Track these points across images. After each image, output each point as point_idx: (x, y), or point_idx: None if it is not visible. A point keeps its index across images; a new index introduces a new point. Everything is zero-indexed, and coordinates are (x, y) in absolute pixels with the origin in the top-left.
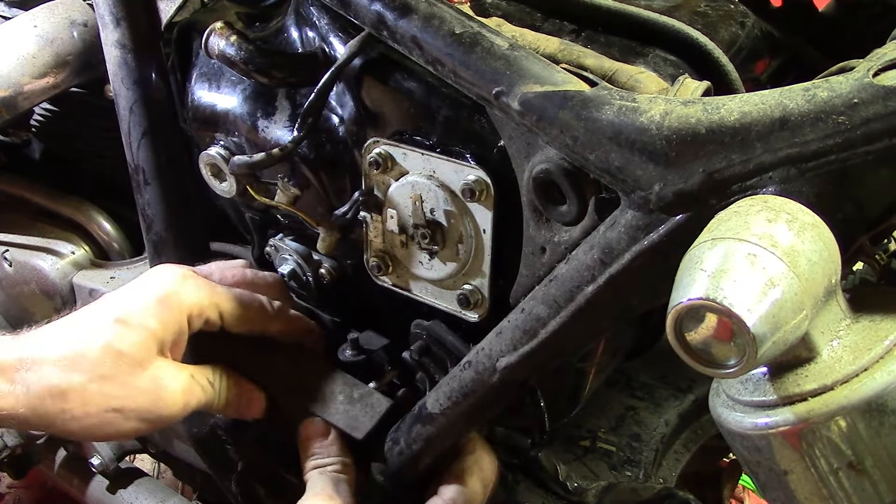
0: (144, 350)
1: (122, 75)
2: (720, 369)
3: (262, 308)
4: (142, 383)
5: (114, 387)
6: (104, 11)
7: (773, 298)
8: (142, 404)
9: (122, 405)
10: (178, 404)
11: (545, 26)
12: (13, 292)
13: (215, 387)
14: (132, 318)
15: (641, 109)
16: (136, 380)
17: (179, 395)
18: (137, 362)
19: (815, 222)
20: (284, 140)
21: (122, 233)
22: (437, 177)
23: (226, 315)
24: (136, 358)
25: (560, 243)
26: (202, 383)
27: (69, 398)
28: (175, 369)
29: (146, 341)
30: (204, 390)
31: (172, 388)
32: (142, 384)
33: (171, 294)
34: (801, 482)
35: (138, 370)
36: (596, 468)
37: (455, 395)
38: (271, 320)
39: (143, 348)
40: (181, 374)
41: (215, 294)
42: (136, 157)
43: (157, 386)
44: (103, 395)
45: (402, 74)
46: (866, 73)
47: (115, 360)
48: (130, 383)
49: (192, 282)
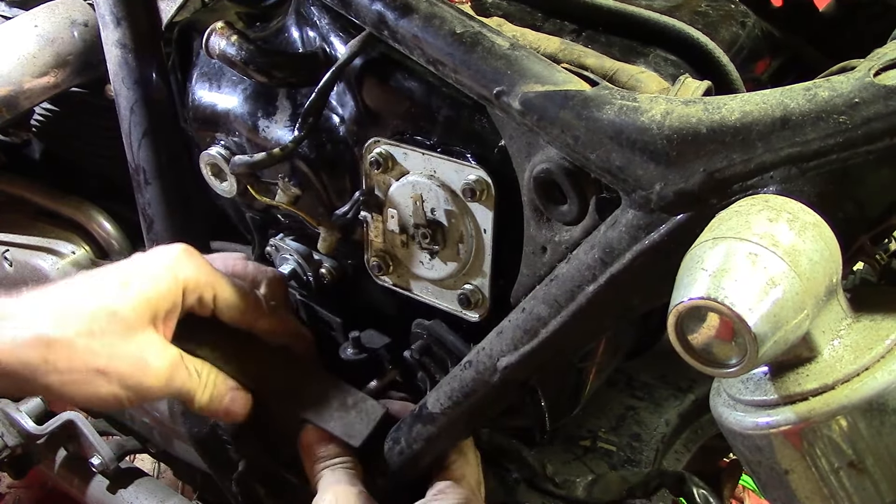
0: (138, 314)
1: (123, 75)
2: (721, 369)
3: (255, 301)
4: (130, 348)
5: (101, 345)
6: (105, 11)
7: (774, 298)
8: (126, 369)
9: (106, 366)
10: (162, 378)
11: (546, 26)
12: (13, 292)
13: (201, 377)
14: (131, 281)
15: (642, 109)
16: (124, 343)
17: (165, 370)
18: (129, 325)
19: (816, 222)
20: (285, 140)
21: (123, 232)
22: (437, 176)
23: (219, 299)
24: (128, 320)
25: (561, 243)
26: (189, 368)
27: (55, 349)
28: (164, 344)
29: (141, 306)
30: (189, 376)
31: (159, 361)
32: (130, 349)
33: (170, 265)
34: (802, 481)
35: (128, 334)
36: (596, 468)
37: (456, 394)
38: (262, 316)
39: (136, 312)
40: (169, 351)
41: (213, 275)
42: (137, 156)
43: (145, 354)
44: (90, 351)
45: (402, 74)
46: (867, 73)
47: (108, 320)
48: (119, 345)
49: (194, 259)
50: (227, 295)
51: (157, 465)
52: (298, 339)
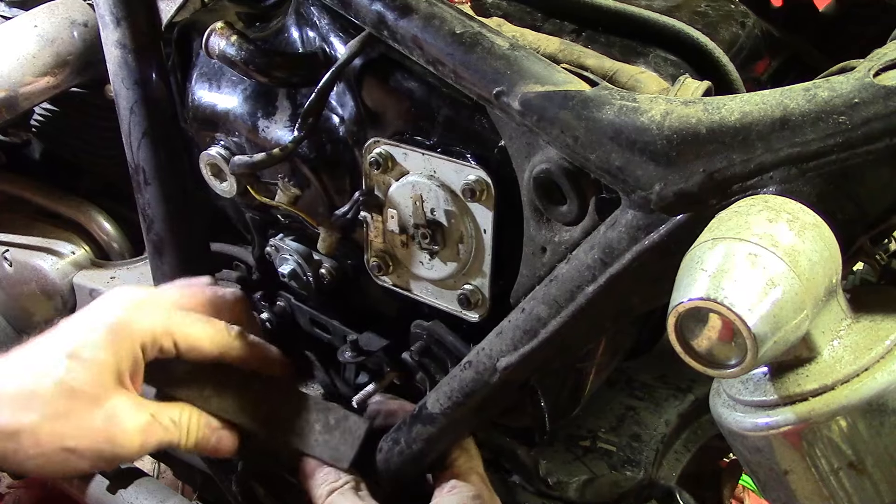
0: (99, 385)
1: (123, 75)
2: (721, 369)
3: (219, 334)
4: (96, 422)
5: (67, 426)
6: (104, 11)
7: (773, 298)
8: (95, 444)
9: (75, 445)
10: (135, 444)
11: (546, 26)
12: (13, 292)
13: (181, 425)
14: (83, 352)
15: (642, 109)
16: (90, 418)
17: (136, 435)
18: (92, 399)
19: (815, 222)
20: (285, 140)
21: (123, 233)
22: (437, 177)
23: (180, 343)
24: (90, 394)
25: (560, 243)
26: (164, 423)
27: (21, 438)
28: (134, 407)
29: (100, 375)
30: (167, 430)
31: (128, 427)
32: (96, 423)
33: (122, 322)
34: (801, 482)
35: (93, 407)
36: (596, 468)
37: (455, 395)
38: (227, 348)
39: (97, 384)
40: (140, 413)
41: (169, 321)
42: (137, 157)
43: (113, 424)
44: (56, 434)
45: (402, 74)
46: (867, 73)
47: (68, 398)
48: (84, 422)
49: (145, 308)
50: (187, 337)
51: (157, 465)
52: (270, 361)
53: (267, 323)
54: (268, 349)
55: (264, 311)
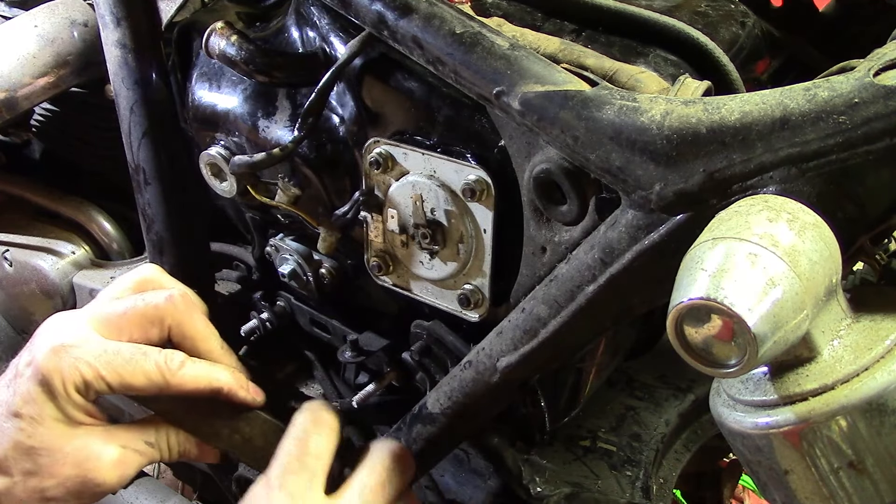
0: (55, 437)
1: (123, 75)
2: (721, 369)
3: (154, 372)
4: (67, 470)
5: (39, 481)
6: (105, 11)
7: (773, 298)
8: (73, 488)
9: (54, 494)
10: (113, 478)
11: (546, 26)
12: (13, 292)
13: (158, 445)
14: (25, 409)
15: (642, 109)
16: (60, 468)
17: (111, 471)
18: (54, 451)
19: (815, 222)
20: (285, 140)
21: (123, 233)
22: (437, 176)
23: (114, 385)
24: (51, 448)
25: (560, 243)
26: (138, 448)
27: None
28: (102, 442)
29: (51, 428)
30: (143, 454)
31: (102, 466)
32: (67, 471)
33: (51, 372)
34: (801, 482)
35: (58, 456)
36: (596, 468)
37: (455, 394)
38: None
39: (52, 436)
40: (109, 448)
41: (96, 362)
42: (137, 156)
43: (84, 468)
44: (33, 490)
45: (402, 74)
46: (867, 73)
47: (31, 456)
48: (56, 472)
49: (69, 353)
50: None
51: (157, 465)
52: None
53: (267, 323)
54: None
55: (264, 311)
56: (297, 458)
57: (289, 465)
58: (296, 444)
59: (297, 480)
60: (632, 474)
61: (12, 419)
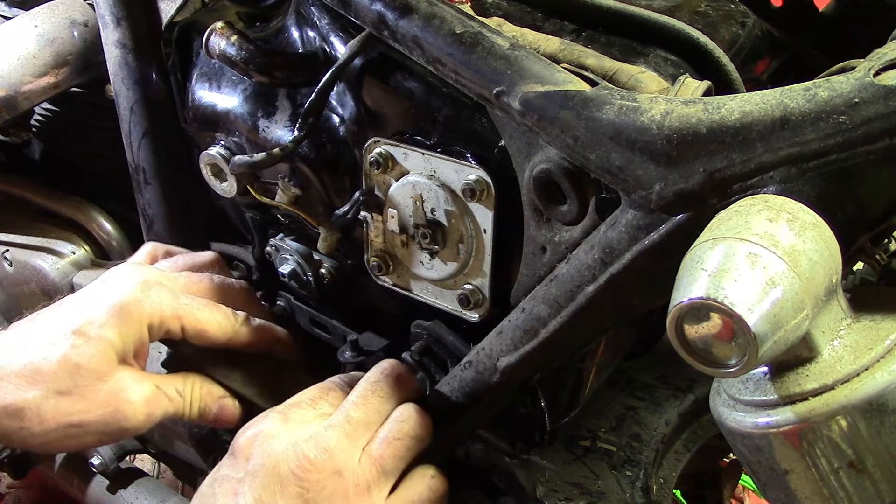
0: (103, 362)
1: (123, 75)
2: (721, 369)
3: (225, 320)
4: (101, 397)
5: (71, 402)
6: (105, 11)
7: (773, 298)
8: (101, 418)
9: (80, 420)
10: (140, 416)
11: (546, 26)
12: (13, 292)
13: (185, 396)
14: (90, 329)
15: (642, 109)
16: (94, 393)
17: (141, 407)
18: (96, 375)
19: (815, 222)
20: (285, 140)
21: (123, 232)
22: (437, 176)
23: (187, 328)
24: (95, 370)
25: (561, 243)
26: (169, 393)
27: (25, 415)
28: (137, 380)
29: (104, 353)
30: (171, 400)
31: (134, 400)
32: (101, 398)
33: (130, 303)
34: (801, 482)
35: (97, 383)
36: (596, 468)
37: (455, 394)
38: (234, 333)
39: (101, 360)
40: (144, 385)
41: (177, 305)
42: (137, 156)
43: (118, 399)
44: (61, 410)
45: (402, 74)
46: (867, 73)
47: (73, 374)
48: (89, 397)
49: (154, 290)
50: (194, 322)
51: (157, 465)
52: (278, 344)
53: None
54: (273, 331)
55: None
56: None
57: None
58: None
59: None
60: (632, 474)
61: (70, 336)
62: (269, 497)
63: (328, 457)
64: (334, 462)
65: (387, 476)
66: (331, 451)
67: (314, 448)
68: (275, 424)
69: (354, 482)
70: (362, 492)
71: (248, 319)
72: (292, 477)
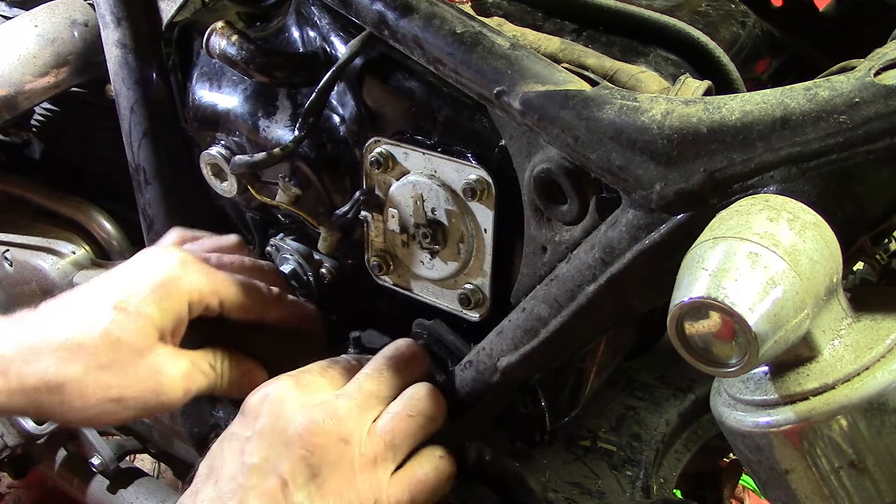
0: (143, 337)
1: (123, 75)
2: (721, 368)
3: (260, 295)
4: (141, 372)
5: (112, 376)
6: (105, 11)
7: (774, 297)
8: (141, 393)
9: (121, 394)
10: (179, 391)
11: (546, 26)
12: (14, 292)
13: (217, 369)
14: (131, 305)
15: (643, 109)
16: (135, 368)
17: (180, 382)
18: (136, 350)
19: (816, 221)
20: (285, 140)
21: (123, 232)
22: (438, 176)
23: (226, 302)
24: (135, 346)
25: (561, 243)
26: (203, 368)
27: (66, 390)
28: (175, 356)
29: (145, 328)
30: (206, 375)
31: (172, 375)
32: (141, 372)
33: (171, 279)
34: (802, 481)
35: (137, 358)
36: (596, 468)
37: (456, 394)
38: (270, 307)
39: (142, 336)
40: (181, 361)
41: (215, 281)
42: (137, 156)
43: (157, 373)
44: (101, 385)
45: (403, 74)
46: (867, 73)
47: (114, 349)
48: (129, 372)
49: (193, 267)
50: (232, 296)
51: (157, 465)
52: (307, 319)
53: None
54: (304, 307)
55: None
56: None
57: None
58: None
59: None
60: (632, 474)
61: (112, 311)
62: (275, 457)
63: (336, 423)
64: (342, 429)
65: (395, 452)
66: (339, 417)
67: (323, 413)
68: (286, 387)
69: (360, 452)
70: (367, 463)
71: (280, 295)
72: (298, 439)
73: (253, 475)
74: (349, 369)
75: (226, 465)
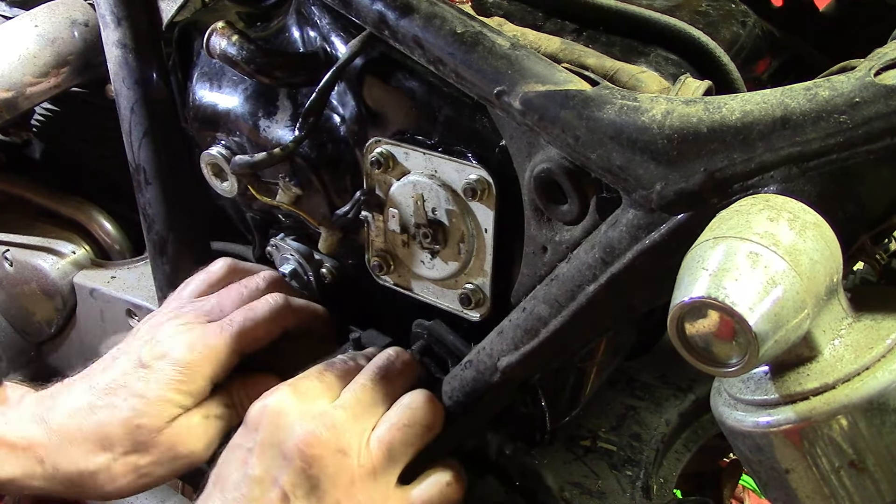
0: (163, 419)
1: (124, 75)
2: (722, 368)
3: (269, 320)
4: (162, 446)
5: (138, 458)
6: (105, 11)
7: (774, 297)
8: (167, 462)
9: (148, 471)
10: (200, 448)
11: (547, 26)
12: (14, 292)
13: (235, 403)
14: (149, 393)
15: (643, 109)
16: (155, 445)
17: (199, 441)
18: (157, 430)
19: (816, 221)
20: (286, 140)
21: (123, 232)
22: (438, 176)
23: (247, 351)
24: (155, 427)
25: (561, 242)
26: (217, 413)
27: (98, 477)
28: (189, 417)
29: (165, 411)
30: (222, 418)
31: (192, 438)
32: (162, 447)
33: (188, 366)
34: (802, 481)
35: (156, 435)
36: (596, 468)
37: (456, 394)
38: (280, 324)
39: (161, 418)
40: (194, 419)
41: (232, 345)
42: (138, 156)
43: (177, 442)
44: (130, 468)
45: (403, 74)
46: (868, 73)
47: (134, 435)
48: (152, 451)
49: (210, 343)
50: (249, 343)
51: None
52: (318, 320)
53: None
54: (312, 309)
55: None
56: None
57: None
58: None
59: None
60: (632, 474)
61: (131, 398)
62: (276, 469)
63: (333, 435)
64: (339, 441)
65: (394, 462)
66: (336, 429)
67: (320, 425)
68: (284, 397)
69: (359, 463)
70: (366, 474)
71: (287, 299)
72: (297, 452)
73: (255, 487)
74: (346, 371)
75: (231, 475)
